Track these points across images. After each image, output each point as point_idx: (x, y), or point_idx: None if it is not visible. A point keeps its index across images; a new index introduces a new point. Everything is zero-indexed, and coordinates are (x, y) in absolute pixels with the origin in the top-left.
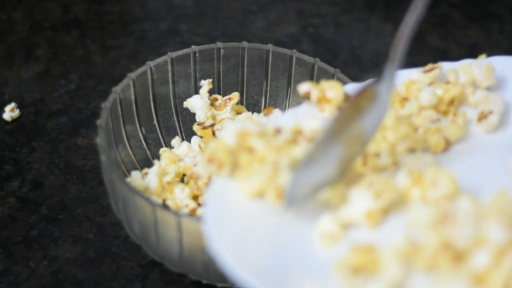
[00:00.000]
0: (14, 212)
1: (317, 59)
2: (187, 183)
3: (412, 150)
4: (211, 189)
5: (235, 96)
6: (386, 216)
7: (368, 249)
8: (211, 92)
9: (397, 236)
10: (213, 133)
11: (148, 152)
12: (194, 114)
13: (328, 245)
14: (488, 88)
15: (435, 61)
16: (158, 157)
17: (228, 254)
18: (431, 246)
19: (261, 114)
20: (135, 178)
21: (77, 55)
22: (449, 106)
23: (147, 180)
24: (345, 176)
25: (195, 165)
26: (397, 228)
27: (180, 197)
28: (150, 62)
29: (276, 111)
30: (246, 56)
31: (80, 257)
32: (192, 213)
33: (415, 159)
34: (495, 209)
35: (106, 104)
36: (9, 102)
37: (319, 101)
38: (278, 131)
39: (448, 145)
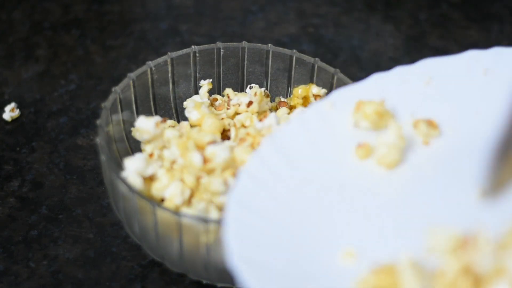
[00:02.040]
0: (14, 212)
1: (317, 59)
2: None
3: None
4: (231, 197)
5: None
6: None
7: (389, 271)
8: (211, 92)
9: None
10: None
11: None
12: None
13: None
14: None
15: None
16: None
17: (248, 273)
18: (451, 271)
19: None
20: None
21: (77, 55)
22: None
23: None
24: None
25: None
26: None
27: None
28: (150, 62)
29: (272, 115)
30: (246, 56)
31: (80, 257)
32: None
33: None
34: None
35: (106, 104)
36: (9, 102)
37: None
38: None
39: None
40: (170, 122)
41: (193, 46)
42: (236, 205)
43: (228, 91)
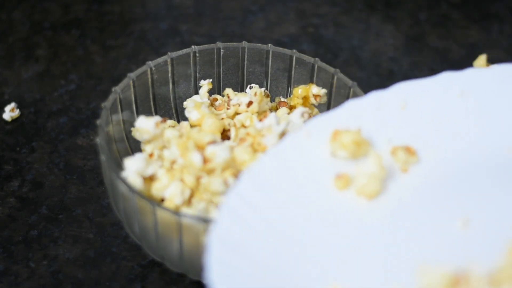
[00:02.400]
0: (14, 212)
1: (317, 59)
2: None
3: None
4: (214, 234)
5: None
6: None
7: None
8: (211, 92)
9: None
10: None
11: None
12: None
13: None
14: None
15: (435, 61)
16: None
17: None
18: None
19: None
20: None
21: (77, 55)
22: None
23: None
24: None
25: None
26: None
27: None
28: (150, 62)
29: (272, 115)
30: (246, 56)
31: (80, 257)
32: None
33: None
34: (509, 274)
35: (106, 104)
36: (9, 102)
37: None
38: None
39: None
40: (170, 122)
41: (193, 46)
42: (219, 245)
43: (228, 91)
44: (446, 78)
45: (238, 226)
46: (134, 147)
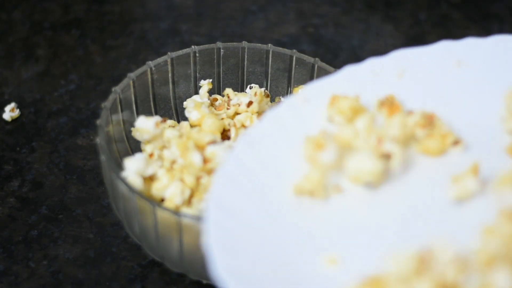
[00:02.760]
0: (14, 212)
1: (317, 59)
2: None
3: None
4: (210, 200)
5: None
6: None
7: (376, 282)
8: (211, 92)
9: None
10: None
11: None
12: None
13: None
14: None
15: None
16: None
17: (233, 284)
18: None
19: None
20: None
21: (77, 55)
22: None
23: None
24: None
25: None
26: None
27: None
28: (150, 62)
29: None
30: (246, 56)
31: (80, 257)
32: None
33: None
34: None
35: (106, 104)
36: (9, 102)
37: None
38: None
39: None
40: (170, 122)
41: (193, 46)
42: (216, 209)
43: (228, 91)
44: (445, 47)
45: (233, 190)
46: (134, 147)
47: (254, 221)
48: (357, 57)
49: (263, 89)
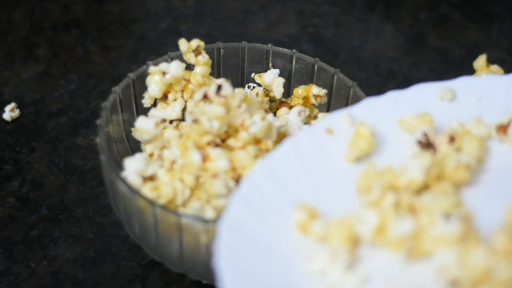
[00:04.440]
0: (14, 212)
1: (317, 59)
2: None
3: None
4: (224, 222)
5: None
6: None
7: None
8: None
9: None
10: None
11: None
12: None
13: None
14: None
15: (435, 61)
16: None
17: None
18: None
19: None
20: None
21: (77, 55)
22: None
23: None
24: None
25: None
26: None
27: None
28: (150, 62)
29: (270, 115)
30: (246, 56)
31: (80, 257)
32: None
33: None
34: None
35: (106, 104)
36: (9, 102)
37: None
38: None
39: None
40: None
41: None
42: (229, 231)
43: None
44: (464, 83)
45: (248, 214)
46: (134, 147)
47: (267, 245)
48: (357, 57)
49: (262, 88)
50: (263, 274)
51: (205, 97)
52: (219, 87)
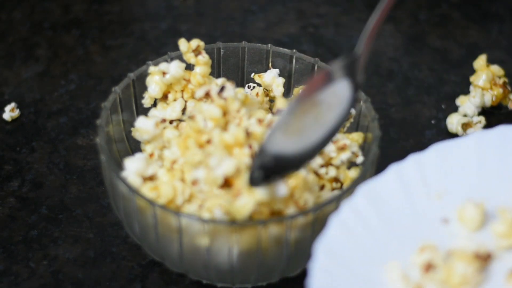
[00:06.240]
0: (14, 212)
1: (317, 59)
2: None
3: None
4: (320, 244)
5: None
6: None
7: None
8: None
9: None
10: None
11: None
12: None
13: None
14: None
15: (435, 61)
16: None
17: None
18: None
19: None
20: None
21: (77, 55)
22: None
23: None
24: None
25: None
26: None
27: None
28: (150, 62)
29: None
30: (246, 56)
31: (80, 257)
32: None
33: None
34: None
35: (106, 104)
36: (9, 102)
37: None
38: None
39: None
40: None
41: None
42: (324, 254)
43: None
44: (479, 137)
45: (346, 238)
46: (134, 147)
47: (362, 269)
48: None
49: (262, 88)
50: None
51: (207, 95)
52: (222, 88)
